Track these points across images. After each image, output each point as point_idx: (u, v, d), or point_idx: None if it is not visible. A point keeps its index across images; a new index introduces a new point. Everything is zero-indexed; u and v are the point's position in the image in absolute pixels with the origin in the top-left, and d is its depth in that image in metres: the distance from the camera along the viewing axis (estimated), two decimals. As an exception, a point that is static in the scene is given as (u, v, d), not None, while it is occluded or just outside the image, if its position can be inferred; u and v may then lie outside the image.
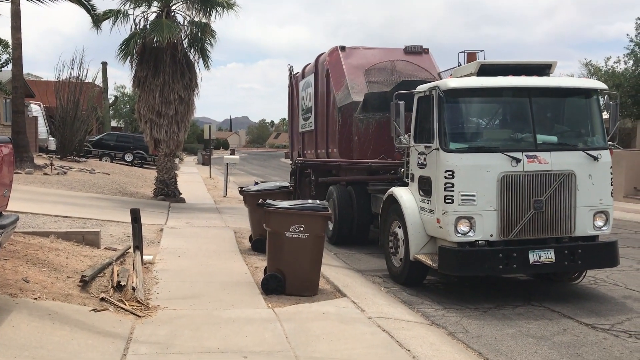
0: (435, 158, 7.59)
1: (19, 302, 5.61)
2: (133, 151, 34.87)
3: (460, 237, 7.31)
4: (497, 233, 7.33)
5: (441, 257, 7.49)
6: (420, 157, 8.06)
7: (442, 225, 7.43)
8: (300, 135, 15.27)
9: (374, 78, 11.87)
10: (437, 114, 7.61)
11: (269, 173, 36.97)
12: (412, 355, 5.33)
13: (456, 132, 7.77)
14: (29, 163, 19.70)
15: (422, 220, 7.97)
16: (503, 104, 8.21)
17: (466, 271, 7.67)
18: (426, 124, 7.97)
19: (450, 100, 7.65)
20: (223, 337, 5.58)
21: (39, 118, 31.72)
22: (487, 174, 7.31)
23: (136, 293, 6.51)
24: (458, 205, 7.28)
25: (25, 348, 4.74)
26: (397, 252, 8.54)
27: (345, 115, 11.67)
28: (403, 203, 8.28)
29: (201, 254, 9.61)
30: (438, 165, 7.51)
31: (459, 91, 7.75)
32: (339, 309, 6.70)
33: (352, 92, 11.61)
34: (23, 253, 7.28)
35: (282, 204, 7.55)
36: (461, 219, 7.30)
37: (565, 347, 6.02)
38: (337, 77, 12.21)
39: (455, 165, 7.35)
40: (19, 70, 20.46)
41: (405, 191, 8.49)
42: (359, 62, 12.34)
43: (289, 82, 16.61)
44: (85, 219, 11.88)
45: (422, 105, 8.19)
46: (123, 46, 17.13)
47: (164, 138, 17.06)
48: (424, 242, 7.95)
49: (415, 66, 12.28)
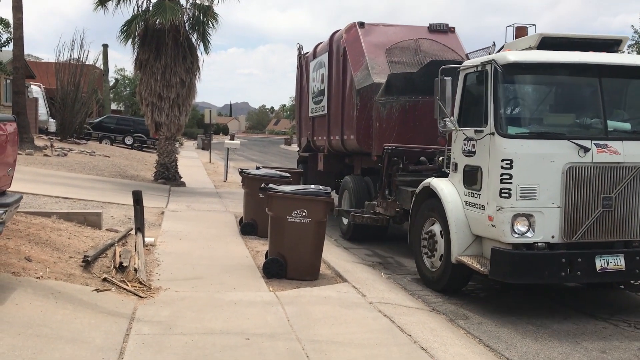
0: (488, 144, 6.57)
1: (22, 281, 5.62)
2: (133, 134, 34.78)
3: (517, 238, 6.32)
4: (559, 234, 6.36)
5: (494, 261, 6.41)
6: (467, 143, 7.00)
7: (496, 224, 6.42)
8: (310, 120, 14.11)
9: (396, 58, 10.91)
10: (493, 92, 6.55)
11: (269, 159, 36.95)
12: (413, 340, 5.36)
13: (515, 115, 6.81)
14: (29, 144, 19.64)
15: (467, 217, 6.95)
16: (569, 84, 7.10)
17: (523, 278, 6.50)
18: (476, 105, 6.96)
19: (510, 77, 6.62)
20: (225, 319, 5.60)
21: (40, 99, 31.63)
22: (550, 164, 6.32)
23: (138, 274, 6.53)
24: (516, 200, 6.30)
25: (29, 326, 4.76)
26: (433, 253, 7.47)
27: (364, 99, 10.64)
28: (444, 196, 7.19)
29: (202, 237, 9.62)
30: (492, 152, 6.50)
31: (521, 66, 6.65)
32: (340, 294, 6.72)
33: (373, 72, 10.57)
34: (25, 232, 7.29)
35: (284, 189, 7.56)
36: (519, 216, 6.32)
37: (564, 334, 6.06)
38: (356, 56, 11.15)
39: (515, 153, 6.33)
40: (20, 50, 20.35)
41: (446, 183, 7.40)
42: (379, 40, 11.27)
43: (297, 62, 15.52)
44: (86, 200, 11.88)
45: (470, 83, 7.19)
46: (125, 28, 17.02)
47: (165, 121, 17.03)
48: (469, 242, 6.94)
49: (442, 46, 11.31)
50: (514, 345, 5.72)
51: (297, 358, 4.79)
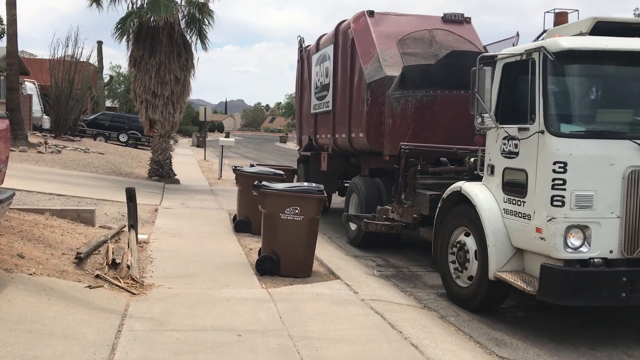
0: (536, 145, 5.75)
1: (15, 277, 5.63)
2: (128, 131, 34.71)
3: (570, 253, 5.53)
4: (618, 249, 5.59)
5: (543, 280, 5.59)
6: (507, 142, 6.18)
7: (545, 236, 5.61)
8: (312, 117, 13.26)
9: (409, 49, 10.17)
10: (542, 84, 5.74)
11: (264, 157, 36.93)
12: (404, 337, 5.40)
13: (569, 111, 5.95)
14: (23, 141, 19.58)
15: (507, 227, 6.15)
16: (631, 75, 6.17)
17: (577, 299, 5.64)
18: (519, 99, 6.16)
19: (563, 66, 5.79)
20: (217, 315, 5.63)
21: (33, 96, 31.46)
22: (610, 168, 5.55)
23: (131, 271, 6.55)
24: (570, 209, 5.51)
25: (21, 322, 4.77)
26: (464, 267, 6.68)
27: (375, 93, 9.82)
28: (479, 203, 6.37)
29: (196, 234, 9.64)
30: (542, 154, 5.69)
31: (576, 54, 5.75)
32: (332, 291, 6.76)
33: (385, 65, 9.78)
34: (18, 229, 7.29)
35: (277, 186, 7.59)
36: (573, 228, 5.53)
37: (557, 333, 6.11)
38: (365, 47, 10.39)
39: (570, 155, 5.52)
40: (14, 46, 20.26)
41: (481, 188, 6.59)
42: (391, 31, 10.50)
43: (298, 55, 14.68)
44: (79, 197, 11.87)
45: (511, 73, 6.35)
46: (119, 25, 17.00)
47: (160, 119, 17.02)
48: (508, 256, 6.12)
49: (457, 37, 10.62)
50: (504, 342, 5.77)
51: (289, 354, 4.82)
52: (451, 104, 8.97)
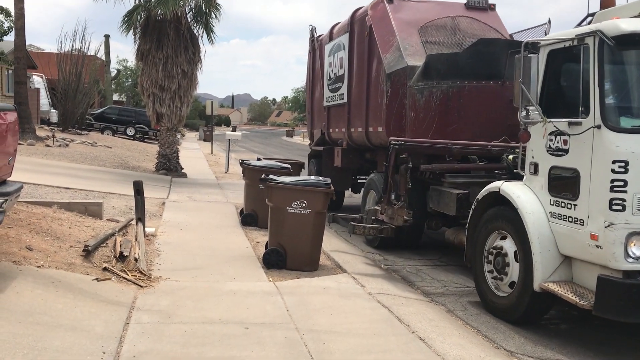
0: (590, 141, 5.16)
1: (23, 270, 5.66)
2: (135, 125, 34.77)
3: (631, 264, 4.96)
4: None
5: (600, 294, 4.99)
6: (555, 138, 5.60)
7: (602, 244, 5.04)
8: (325, 110, 12.76)
9: (432, 37, 9.69)
10: (597, 73, 5.12)
11: (270, 151, 36.94)
12: (411, 331, 5.39)
13: (630, 103, 5.29)
14: (30, 134, 19.65)
15: (554, 233, 5.60)
16: None
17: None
18: (569, 90, 5.65)
19: (623, 53, 5.14)
20: (225, 308, 5.63)
21: (41, 90, 31.59)
22: None
23: (138, 264, 6.57)
24: (632, 214, 4.93)
25: (30, 314, 4.79)
26: (503, 275, 6.12)
27: (396, 84, 9.29)
28: (522, 206, 5.82)
29: (203, 227, 9.65)
30: (598, 151, 5.11)
31: (637, 38, 5.05)
32: (339, 284, 6.75)
33: (406, 54, 9.27)
34: (26, 222, 7.32)
35: (285, 180, 7.58)
36: (635, 235, 4.96)
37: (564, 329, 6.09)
38: (384, 35, 9.87)
39: (632, 152, 4.93)
40: (22, 40, 20.32)
41: (523, 188, 6.02)
42: (411, 18, 9.98)
43: (309, 46, 14.16)
44: (87, 190, 11.91)
45: (559, 61, 5.79)
46: (126, 18, 17.00)
47: (167, 112, 17.05)
48: (555, 265, 5.56)
49: (482, 24, 10.11)
50: (512, 336, 5.74)
51: (296, 347, 4.82)
52: (480, 96, 8.50)
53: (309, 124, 14.92)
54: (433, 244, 10.01)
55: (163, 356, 4.43)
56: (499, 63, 8.21)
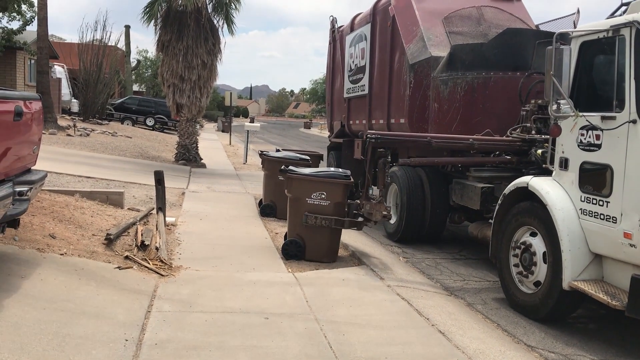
0: (625, 136, 5.00)
1: (47, 257, 5.74)
2: (154, 116, 35.03)
3: None
4: None
5: (635, 294, 4.75)
6: (587, 133, 5.46)
7: (637, 243, 4.86)
8: (345, 102, 12.64)
9: (456, 28, 9.57)
10: (634, 65, 4.96)
11: (288, 142, 36.99)
12: (430, 324, 5.38)
13: None
14: (52, 124, 19.90)
15: (584, 230, 5.46)
16: None
17: None
18: (602, 83, 5.55)
19: None
20: (245, 298, 5.67)
21: (63, 80, 31.96)
22: None
23: (159, 253, 6.63)
24: None
25: (54, 301, 4.86)
26: (530, 271, 5.99)
27: (419, 75, 9.21)
28: (551, 202, 5.66)
29: (222, 218, 9.71)
30: (632, 147, 4.94)
31: None
32: (358, 276, 6.75)
33: (430, 44, 9.17)
34: (49, 210, 7.42)
35: (304, 171, 7.59)
36: None
37: (580, 324, 6.03)
38: (408, 25, 9.77)
39: None
40: (44, 30, 20.53)
41: (552, 184, 5.86)
42: (435, 8, 9.90)
43: (330, 37, 14.08)
44: (108, 180, 12.03)
45: (592, 53, 5.64)
46: (147, 9, 17.09)
47: (186, 103, 17.14)
48: (585, 263, 5.42)
49: (508, 15, 9.94)
50: (532, 331, 5.70)
51: (316, 338, 4.83)
52: (506, 88, 8.28)
53: (329, 116, 14.84)
54: (452, 237, 9.96)
55: (184, 344, 4.47)
56: (526, 54, 8.06)
